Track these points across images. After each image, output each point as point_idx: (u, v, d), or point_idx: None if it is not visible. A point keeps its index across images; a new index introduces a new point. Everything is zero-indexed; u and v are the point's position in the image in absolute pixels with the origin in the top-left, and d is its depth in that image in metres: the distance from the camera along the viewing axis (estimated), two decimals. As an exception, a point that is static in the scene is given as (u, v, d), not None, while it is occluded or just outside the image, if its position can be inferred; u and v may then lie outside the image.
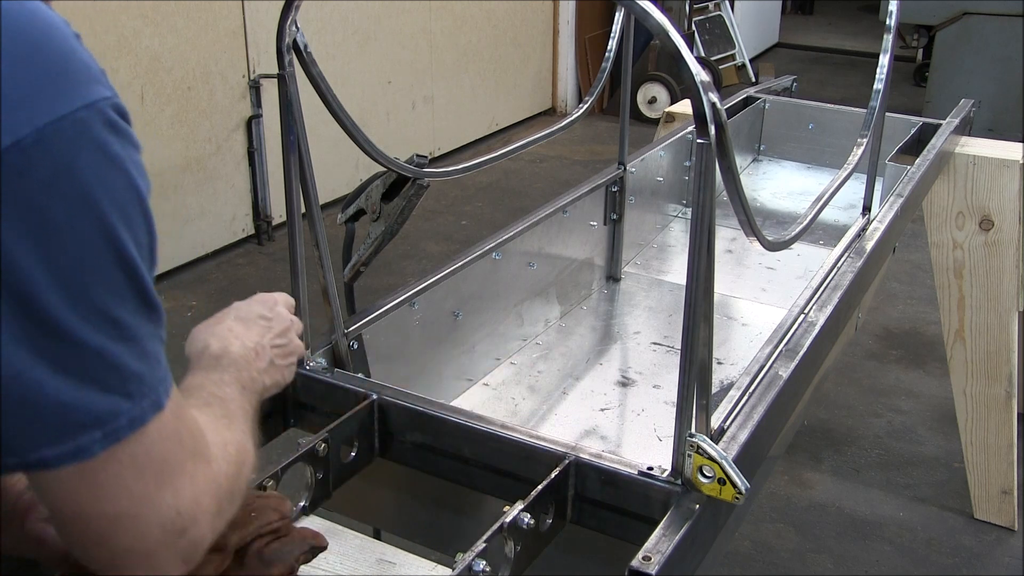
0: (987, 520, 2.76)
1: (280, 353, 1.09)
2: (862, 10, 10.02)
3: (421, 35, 5.40)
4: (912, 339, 3.79)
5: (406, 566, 1.08)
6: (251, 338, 1.06)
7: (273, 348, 1.08)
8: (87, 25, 3.58)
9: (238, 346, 1.03)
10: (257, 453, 0.93)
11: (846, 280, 1.66)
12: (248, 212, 4.51)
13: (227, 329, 1.06)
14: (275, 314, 1.11)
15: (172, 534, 0.73)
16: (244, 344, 1.04)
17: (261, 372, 1.05)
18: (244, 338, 1.05)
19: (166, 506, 0.73)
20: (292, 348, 1.12)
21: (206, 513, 0.77)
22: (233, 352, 1.02)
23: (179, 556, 0.75)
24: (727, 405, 1.24)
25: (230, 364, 1.01)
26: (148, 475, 0.71)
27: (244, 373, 1.01)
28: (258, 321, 1.09)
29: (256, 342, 1.06)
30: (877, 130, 1.83)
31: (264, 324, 1.09)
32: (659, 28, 0.97)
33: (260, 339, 1.07)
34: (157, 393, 0.71)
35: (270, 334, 1.09)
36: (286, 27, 1.18)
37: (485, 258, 1.74)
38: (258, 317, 1.10)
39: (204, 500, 0.76)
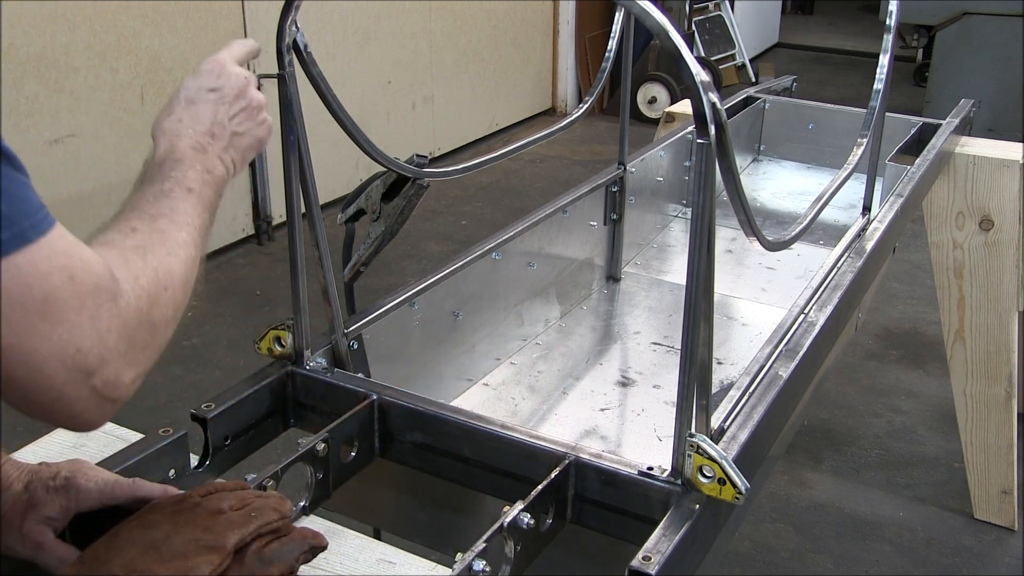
0: (987, 520, 2.76)
1: (243, 118, 1.06)
2: (862, 10, 10.03)
3: (421, 35, 5.40)
4: (912, 339, 3.79)
5: (406, 566, 1.08)
6: (203, 120, 1.02)
7: (232, 118, 1.05)
8: (87, 25, 3.59)
9: (188, 137, 1.00)
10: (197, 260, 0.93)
11: (846, 280, 1.66)
12: (248, 212, 4.51)
13: (176, 120, 1.02)
14: (224, 78, 1.06)
15: (77, 372, 0.75)
16: (196, 131, 1.01)
17: (223, 151, 1.02)
18: (195, 123, 1.01)
19: (62, 342, 0.74)
20: (255, 104, 1.08)
21: (113, 351, 0.77)
22: (181, 148, 0.99)
23: (94, 396, 0.77)
24: (727, 405, 1.24)
25: (174, 166, 0.97)
26: (30, 309, 0.73)
27: (191, 171, 0.98)
28: (208, 96, 1.04)
29: (210, 122, 1.02)
30: (877, 130, 1.83)
31: (215, 96, 1.04)
32: (659, 28, 0.97)
33: (214, 115, 1.03)
34: (21, 228, 0.72)
35: (224, 105, 1.04)
36: (286, 27, 1.18)
37: (485, 258, 1.74)
38: (207, 91, 1.04)
39: (110, 338, 0.77)
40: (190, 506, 0.96)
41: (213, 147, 1.02)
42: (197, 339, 3.67)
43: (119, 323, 0.78)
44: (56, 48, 3.50)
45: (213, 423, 1.23)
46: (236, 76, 1.08)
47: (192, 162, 0.99)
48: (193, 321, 3.81)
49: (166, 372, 3.43)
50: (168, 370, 3.45)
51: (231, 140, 1.04)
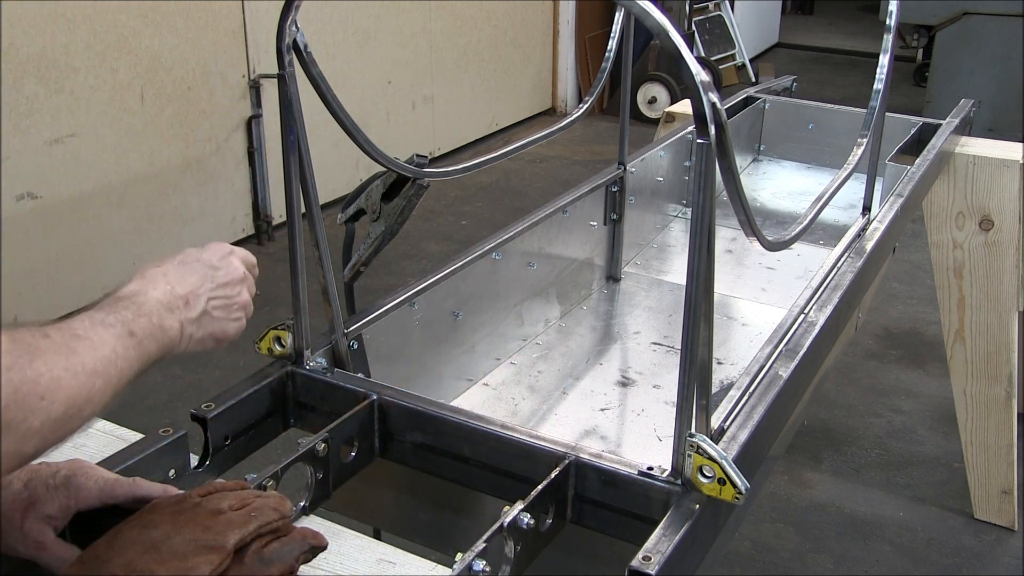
0: (987, 520, 2.76)
1: (221, 304, 1.05)
2: (862, 10, 10.03)
3: (421, 35, 5.40)
4: (912, 339, 3.79)
5: (406, 566, 1.08)
6: (185, 284, 1.02)
7: (213, 299, 1.04)
8: (87, 25, 3.59)
9: (163, 291, 0.99)
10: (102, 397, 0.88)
11: (846, 280, 1.66)
12: (248, 212, 4.51)
13: (161, 272, 1.01)
14: (224, 264, 1.07)
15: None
16: (173, 290, 1.00)
17: (189, 321, 1.00)
18: (177, 283, 1.01)
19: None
20: (238, 302, 1.07)
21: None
22: (150, 296, 0.97)
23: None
24: (727, 405, 1.24)
25: (131, 307, 0.95)
26: None
27: (144, 319, 0.95)
28: (201, 267, 1.05)
29: (190, 289, 1.02)
30: (877, 130, 1.83)
31: (207, 271, 1.05)
32: (659, 28, 0.97)
33: (197, 287, 1.02)
34: None
35: (211, 282, 1.04)
36: (286, 27, 1.18)
37: (485, 258, 1.74)
38: (203, 264, 1.05)
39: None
40: (190, 506, 0.96)
41: (181, 312, 1.00)
42: (197, 339, 3.67)
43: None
44: (56, 48, 3.50)
45: (213, 423, 1.23)
46: (236, 268, 1.08)
47: (151, 312, 0.96)
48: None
49: (166, 372, 3.43)
50: (168, 370, 3.45)
51: (201, 316, 1.02)
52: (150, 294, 0.98)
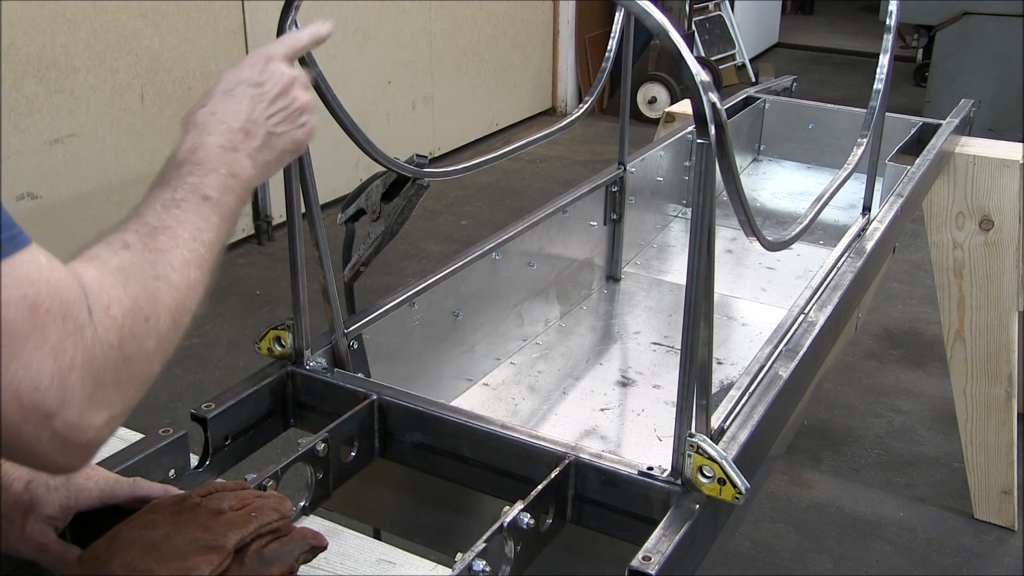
0: (987, 520, 2.76)
1: (281, 118, 0.97)
2: (862, 10, 10.03)
3: (421, 35, 5.40)
4: (912, 339, 3.79)
5: (406, 566, 1.08)
6: (238, 116, 0.94)
7: (270, 117, 0.96)
8: (87, 25, 3.59)
9: (219, 133, 0.92)
10: (201, 281, 0.85)
11: (846, 280, 1.66)
12: (248, 212, 4.51)
13: (209, 112, 0.94)
14: (268, 74, 0.98)
15: (35, 414, 0.68)
16: (229, 127, 0.93)
17: (256, 150, 0.94)
18: (229, 118, 0.93)
19: (17, 379, 0.66)
20: (297, 106, 0.99)
21: (76, 390, 0.69)
22: (207, 145, 0.91)
23: (57, 441, 0.70)
24: (727, 405, 1.24)
25: (194, 169, 0.89)
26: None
27: (212, 175, 0.89)
28: (246, 90, 0.96)
29: (245, 118, 0.94)
30: (877, 130, 1.83)
31: (254, 92, 0.96)
32: (659, 28, 0.97)
33: (250, 113, 0.95)
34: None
35: (263, 102, 0.96)
36: (286, 27, 1.18)
37: (485, 258, 1.74)
38: (246, 85, 0.96)
39: (72, 376, 0.69)
40: (190, 506, 0.96)
41: (245, 146, 0.93)
42: (197, 339, 3.67)
43: (84, 358, 0.70)
44: (56, 48, 3.50)
45: (213, 423, 1.23)
46: (280, 73, 0.99)
47: (216, 164, 0.90)
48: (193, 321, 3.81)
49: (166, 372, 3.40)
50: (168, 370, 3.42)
51: (266, 140, 0.96)
52: (208, 142, 0.91)
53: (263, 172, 0.96)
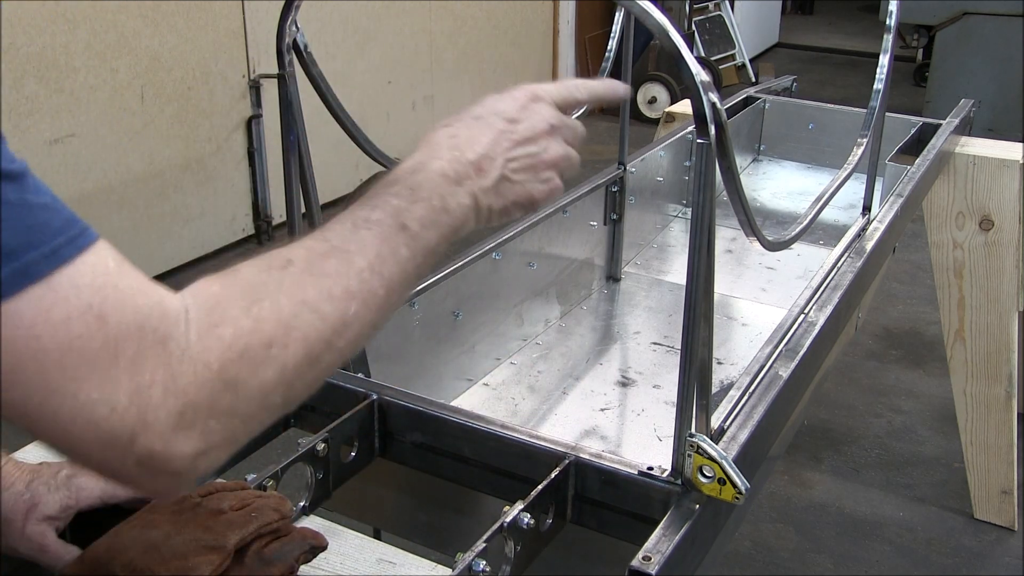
0: (987, 520, 2.76)
1: (523, 165, 0.86)
2: (862, 10, 10.03)
3: (421, 35, 5.40)
4: (912, 339, 3.79)
5: (406, 566, 1.08)
6: (476, 146, 0.83)
7: (511, 160, 0.85)
8: (87, 25, 3.59)
9: (448, 159, 0.82)
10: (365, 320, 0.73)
11: (846, 280, 1.66)
12: (248, 212, 4.51)
13: (448, 135, 0.84)
14: (528, 112, 0.87)
15: (116, 439, 0.61)
16: (461, 155, 0.82)
17: (482, 191, 0.83)
18: (466, 145, 0.83)
19: (89, 401, 0.60)
20: (547, 158, 0.87)
21: (160, 410, 0.62)
22: (430, 169, 0.81)
23: (142, 468, 0.62)
24: (727, 405, 1.24)
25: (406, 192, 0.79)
26: (43, 362, 0.58)
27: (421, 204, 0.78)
28: (497, 121, 0.86)
29: (483, 152, 0.83)
30: (877, 130, 1.83)
31: (504, 127, 0.86)
32: (659, 28, 0.97)
33: (491, 147, 0.84)
34: (25, 262, 0.58)
35: (507, 141, 0.85)
36: (286, 27, 1.18)
37: (485, 258, 1.74)
38: (500, 116, 0.86)
39: (154, 394, 0.62)
40: (190, 506, 0.96)
41: (472, 182, 0.82)
42: (197, 339, 3.67)
43: (167, 375, 0.62)
44: (56, 48, 3.50)
45: (213, 423, 1.23)
46: (542, 116, 0.88)
47: (430, 192, 0.79)
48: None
49: (166, 372, 3.43)
50: (168, 370, 3.45)
51: (498, 183, 0.84)
52: (431, 166, 0.81)
53: (481, 218, 0.85)
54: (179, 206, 4.15)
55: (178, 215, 4.16)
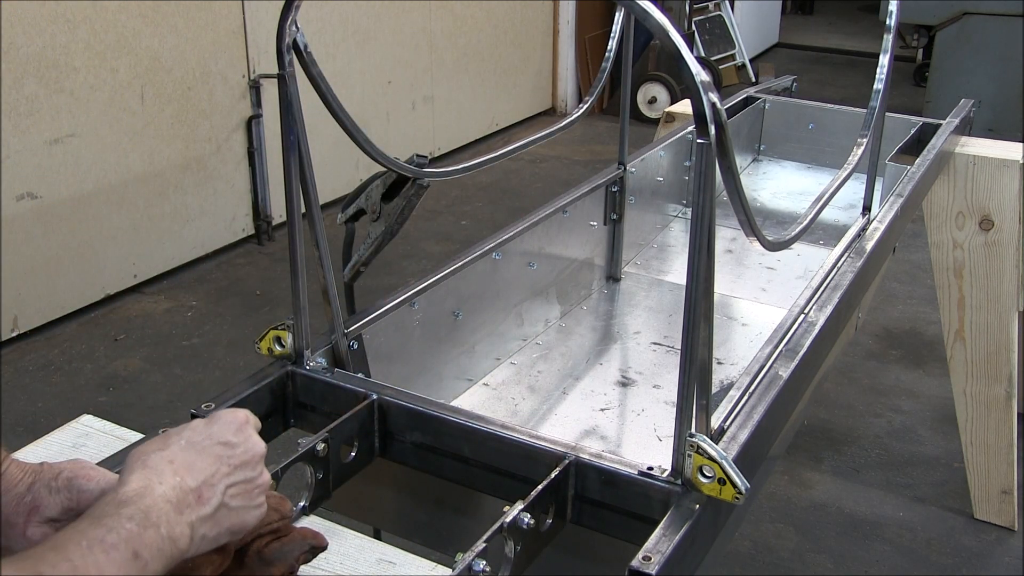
0: (987, 520, 2.76)
1: (240, 491, 0.89)
2: (862, 10, 10.03)
3: (421, 35, 5.40)
4: (912, 339, 3.79)
5: (406, 566, 1.08)
6: (197, 473, 0.85)
7: (230, 487, 0.87)
8: (87, 25, 3.59)
9: (170, 485, 0.83)
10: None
11: (846, 280, 1.66)
12: (248, 212, 4.51)
13: (167, 460, 0.85)
14: (242, 439, 0.91)
15: None
16: (182, 483, 0.84)
17: (201, 520, 0.84)
18: (186, 473, 0.85)
19: None
20: (260, 483, 0.91)
21: None
22: (156, 495, 0.81)
23: None
24: (727, 405, 1.24)
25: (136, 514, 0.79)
26: None
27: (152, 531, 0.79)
28: (214, 449, 0.88)
29: (203, 479, 0.85)
30: (877, 130, 1.83)
31: (223, 452, 0.88)
32: (659, 28, 0.97)
33: (211, 475, 0.86)
34: None
35: (227, 466, 0.88)
36: (286, 27, 1.18)
37: (485, 258, 1.74)
38: (217, 443, 0.89)
39: None
40: (190, 506, 0.96)
41: (192, 511, 0.83)
42: (197, 339, 3.67)
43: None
44: (56, 48, 3.50)
45: (213, 423, 1.23)
46: (256, 443, 0.91)
47: (159, 519, 0.80)
48: (193, 321, 3.81)
49: (166, 372, 3.43)
50: (168, 370, 3.45)
51: (216, 512, 0.86)
52: (156, 491, 0.82)
53: (193, 547, 0.84)
54: (179, 206, 4.15)
55: (178, 215, 4.16)
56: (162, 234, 4.10)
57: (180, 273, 4.20)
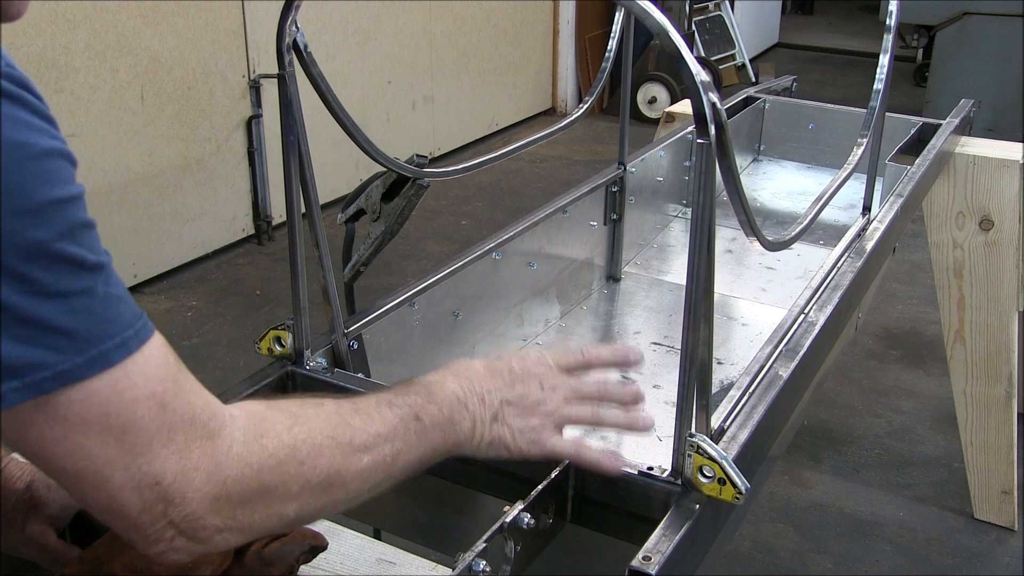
0: (987, 520, 2.76)
1: (516, 412, 1.03)
2: (862, 10, 10.03)
3: (421, 35, 5.40)
4: (912, 339, 3.79)
5: (406, 566, 1.08)
6: (484, 384, 1.01)
7: (507, 404, 1.02)
8: (87, 25, 3.59)
9: (460, 386, 0.99)
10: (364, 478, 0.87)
11: (846, 280, 1.66)
12: (248, 212, 4.51)
13: (467, 367, 1.02)
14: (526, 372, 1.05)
15: (153, 502, 0.71)
16: (471, 387, 1.00)
17: (478, 421, 0.99)
18: (477, 381, 1.01)
19: (141, 473, 0.70)
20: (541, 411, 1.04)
21: (200, 491, 0.73)
22: (447, 387, 0.98)
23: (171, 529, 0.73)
24: (727, 405, 1.24)
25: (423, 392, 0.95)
26: (108, 438, 0.69)
27: (434, 408, 0.94)
28: (504, 373, 1.04)
29: (487, 389, 1.01)
30: (877, 130, 1.83)
31: (507, 377, 1.04)
32: (659, 28, 0.97)
33: (493, 389, 1.02)
34: (103, 349, 0.68)
35: (508, 390, 1.03)
36: (286, 27, 1.18)
37: (485, 258, 1.74)
38: (506, 370, 1.04)
39: (197, 477, 0.73)
40: (190, 506, 0.96)
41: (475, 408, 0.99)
42: (197, 339, 3.67)
43: (212, 464, 0.73)
44: (56, 48, 3.50)
45: (213, 423, 1.23)
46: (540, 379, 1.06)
47: (443, 403, 0.96)
48: (193, 321, 3.81)
49: (166, 372, 3.43)
50: (168, 370, 3.45)
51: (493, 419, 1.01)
52: (447, 385, 0.98)
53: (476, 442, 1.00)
54: (179, 206, 4.15)
55: (178, 215, 4.16)
56: (162, 234, 4.10)
57: (180, 273, 4.20)
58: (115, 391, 0.69)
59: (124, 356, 0.69)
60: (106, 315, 0.68)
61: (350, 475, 0.85)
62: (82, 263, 0.67)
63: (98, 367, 0.68)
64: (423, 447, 0.93)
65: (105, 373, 0.68)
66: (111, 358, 0.68)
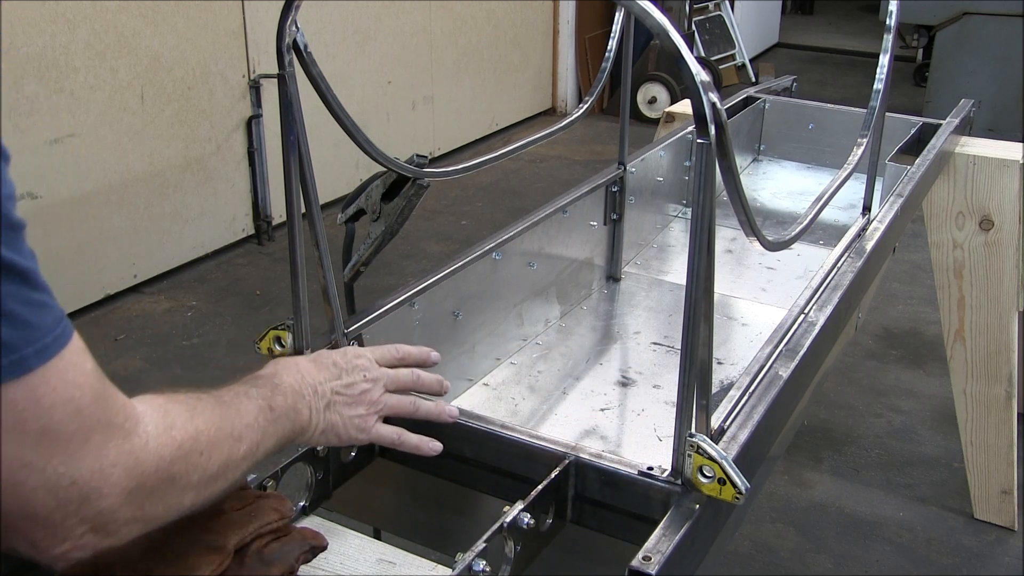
0: (987, 520, 2.76)
1: (345, 400, 1.10)
2: (862, 10, 10.03)
3: (421, 35, 5.40)
4: (912, 339, 3.79)
5: (406, 566, 1.08)
6: (315, 376, 1.08)
7: (336, 394, 1.09)
8: (87, 25, 3.59)
9: (295, 378, 1.05)
10: (241, 463, 0.92)
11: (846, 280, 1.66)
12: (248, 212, 4.51)
13: (295, 363, 1.09)
14: (350, 365, 1.13)
15: (67, 501, 0.72)
16: (303, 379, 1.06)
17: (314, 410, 1.05)
18: (307, 374, 1.08)
19: (57, 474, 0.71)
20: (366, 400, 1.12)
21: (116, 486, 0.74)
22: (284, 379, 1.04)
23: (84, 526, 0.74)
24: (727, 405, 1.24)
25: (268, 384, 1.02)
26: (23, 440, 0.69)
27: (281, 398, 1.01)
28: (330, 367, 1.11)
29: (318, 381, 1.08)
30: (877, 130, 1.83)
31: (334, 370, 1.11)
32: (659, 28, 0.97)
33: (324, 381, 1.09)
34: (22, 355, 0.68)
35: (336, 381, 1.10)
36: (286, 27, 1.18)
37: (485, 258, 1.74)
38: (331, 364, 1.12)
39: (114, 473, 0.74)
40: (190, 506, 0.96)
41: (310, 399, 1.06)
42: (197, 339, 3.67)
43: (130, 460, 0.76)
44: (56, 48, 3.50)
45: (213, 423, 1.23)
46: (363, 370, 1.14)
47: (287, 392, 1.02)
48: (193, 321, 3.81)
49: (166, 372, 3.43)
50: (168, 370, 3.45)
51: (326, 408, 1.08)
52: (284, 378, 1.04)
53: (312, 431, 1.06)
54: (179, 206, 4.15)
55: (178, 215, 4.16)
56: (162, 234, 4.10)
57: (180, 273, 4.20)
58: (33, 397, 0.69)
59: (43, 362, 0.69)
60: (26, 319, 0.68)
61: (233, 464, 0.90)
62: (9, 267, 0.67)
63: (16, 372, 0.68)
64: (276, 436, 0.99)
65: (23, 379, 0.68)
66: (30, 364, 0.69)
